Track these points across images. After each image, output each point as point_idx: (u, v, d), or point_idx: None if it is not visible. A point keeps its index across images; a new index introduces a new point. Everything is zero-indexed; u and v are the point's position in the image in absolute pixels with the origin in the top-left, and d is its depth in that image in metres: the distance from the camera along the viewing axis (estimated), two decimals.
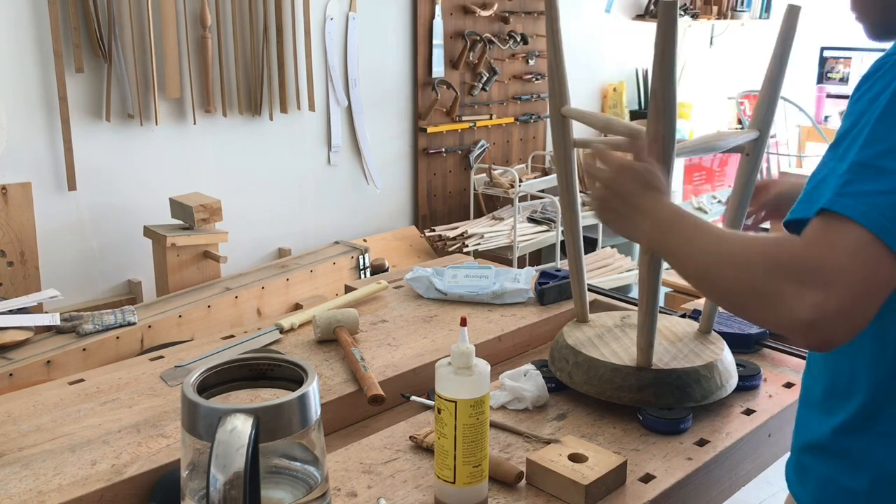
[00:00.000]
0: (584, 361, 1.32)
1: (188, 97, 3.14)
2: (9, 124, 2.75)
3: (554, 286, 1.76)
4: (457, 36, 4.03)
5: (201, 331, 2.60)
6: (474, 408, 1.01)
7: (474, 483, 1.03)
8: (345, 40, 3.62)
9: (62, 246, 2.94)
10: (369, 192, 3.88)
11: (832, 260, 0.78)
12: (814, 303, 0.78)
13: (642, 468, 1.16)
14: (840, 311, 0.77)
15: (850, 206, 0.77)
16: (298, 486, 0.90)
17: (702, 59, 5.51)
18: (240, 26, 3.21)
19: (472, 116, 4.19)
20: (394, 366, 1.45)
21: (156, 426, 1.24)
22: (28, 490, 1.07)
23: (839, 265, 0.77)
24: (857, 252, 0.77)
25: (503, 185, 4.03)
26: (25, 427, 1.24)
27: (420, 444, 1.19)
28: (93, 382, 1.40)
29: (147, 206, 3.06)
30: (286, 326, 1.61)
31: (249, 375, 0.94)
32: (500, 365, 1.57)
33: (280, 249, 3.57)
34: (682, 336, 1.42)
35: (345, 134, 3.73)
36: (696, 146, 1.35)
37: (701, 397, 1.28)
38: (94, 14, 2.82)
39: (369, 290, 1.80)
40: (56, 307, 2.73)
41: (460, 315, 1.13)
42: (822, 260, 0.78)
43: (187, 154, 3.22)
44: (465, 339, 1.02)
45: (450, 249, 3.58)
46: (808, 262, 0.79)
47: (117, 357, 2.30)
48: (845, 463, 0.94)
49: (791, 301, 0.79)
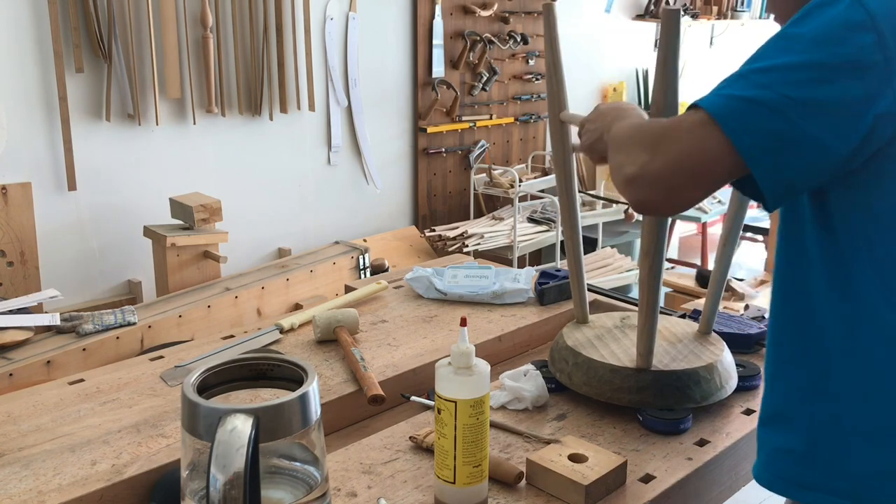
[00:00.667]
0: (584, 362, 1.32)
1: (188, 97, 3.14)
2: (9, 124, 2.75)
3: (554, 286, 1.76)
4: (457, 36, 4.03)
5: (201, 331, 2.60)
6: (474, 408, 1.01)
7: (474, 483, 1.03)
8: (345, 40, 3.62)
9: (62, 246, 2.94)
10: (369, 192, 3.88)
11: (671, 132, 0.87)
12: (640, 161, 0.88)
13: (642, 468, 1.16)
14: (659, 174, 0.86)
15: (708, 101, 0.86)
16: (298, 486, 0.90)
17: (702, 59, 5.51)
18: (240, 26, 3.22)
19: (472, 116, 4.19)
20: (394, 366, 1.45)
21: (156, 426, 1.24)
22: (28, 490, 1.07)
23: (674, 136, 0.87)
24: (692, 128, 0.85)
25: (503, 185, 4.03)
26: (25, 427, 1.24)
27: (420, 444, 1.19)
28: (93, 382, 1.40)
29: (147, 206, 3.06)
30: (286, 326, 1.61)
31: (249, 375, 0.94)
32: (500, 365, 1.57)
33: (280, 249, 3.57)
34: (682, 337, 1.42)
35: (345, 134, 3.73)
36: None
37: (701, 398, 1.28)
38: (94, 14, 2.82)
39: (369, 290, 1.80)
40: (56, 307, 2.73)
41: (460, 315, 1.13)
42: (664, 131, 0.88)
43: (187, 154, 3.22)
44: (465, 339, 1.02)
45: (450, 249, 3.58)
46: (656, 130, 0.90)
47: (117, 357, 2.30)
48: (796, 429, 0.96)
49: (627, 159, 0.90)
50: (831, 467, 0.93)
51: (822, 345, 0.93)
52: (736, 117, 0.83)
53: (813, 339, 0.94)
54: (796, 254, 0.96)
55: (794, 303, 0.97)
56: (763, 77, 0.84)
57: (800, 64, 0.83)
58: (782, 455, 0.97)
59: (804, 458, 0.95)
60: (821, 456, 0.93)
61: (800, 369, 0.96)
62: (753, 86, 0.84)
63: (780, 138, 0.82)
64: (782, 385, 0.99)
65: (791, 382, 0.98)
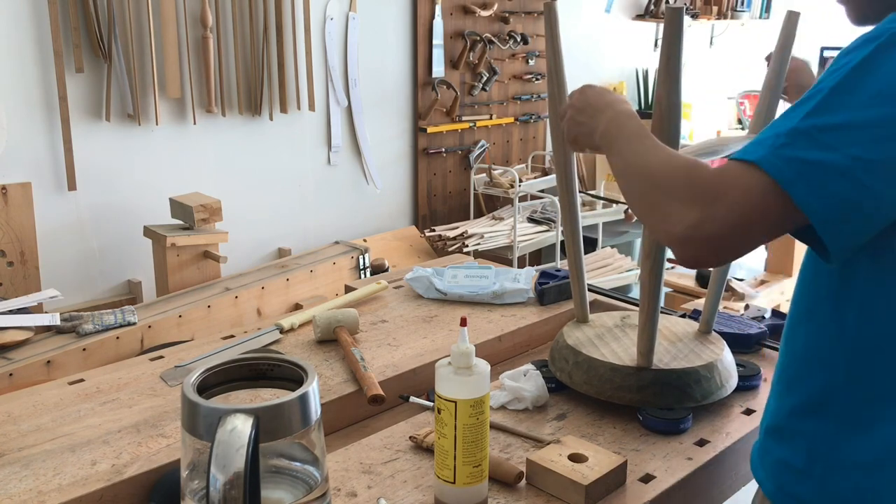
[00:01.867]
0: (584, 361, 1.32)
1: (188, 97, 3.14)
2: (9, 124, 2.75)
3: (554, 286, 1.76)
4: (457, 36, 4.03)
5: (201, 331, 2.60)
6: (474, 408, 1.01)
7: (474, 483, 1.03)
8: (345, 40, 3.62)
9: (62, 246, 2.94)
10: (369, 192, 3.88)
11: (726, 190, 0.81)
12: (691, 221, 0.82)
13: (642, 468, 1.16)
14: (714, 236, 0.82)
15: (767, 161, 0.80)
16: (298, 486, 0.90)
17: (702, 59, 5.52)
18: (240, 26, 3.22)
19: (472, 116, 4.20)
20: (394, 366, 1.45)
21: (156, 426, 1.24)
22: (28, 490, 1.07)
23: (731, 196, 0.81)
24: (750, 189, 0.80)
25: (503, 185, 4.03)
26: (25, 427, 1.24)
27: (420, 444, 1.19)
28: (93, 382, 1.40)
29: (147, 206, 3.06)
30: (286, 326, 1.61)
31: (249, 375, 0.94)
32: (500, 365, 1.56)
33: (280, 249, 3.57)
34: (682, 336, 1.42)
35: (345, 134, 3.73)
36: (697, 151, 1.35)
37: (701, 397, 1.28)
38: (94, 14, 2.82)
39: (369, 290, 1.80)
40: (56, 307, 2.73)
41: (460, 315, 1.13)
42: (718, 187, 0.82)
43: (187, 154, 3.22)
44: (465, 339, 1.02)
45: (450, 249, 3.58)
46: (705, 186, 0.83)
47: (117, 357, 2.30)
48: (797, 445, 0.96)
49: (677, 215, 0.84)
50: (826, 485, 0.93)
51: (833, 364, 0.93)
52: (804, 182, 0.78)
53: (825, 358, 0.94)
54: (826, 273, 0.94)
55: (816, 318, 0.95)
56: (829, 137, 0.79)
57: (868, 121, 0.78)
58: (795, 476, 0.97)
59: (803, 475, 0.95)
60: (816, 473, 0.94)
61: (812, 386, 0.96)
62: (819, 146, 0.79)
63: (850, 202, 0.78)
64: (790, 400, 0.99)
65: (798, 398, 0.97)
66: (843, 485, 0.92)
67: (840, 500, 0.92)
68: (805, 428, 0.96)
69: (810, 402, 0.95)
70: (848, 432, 0.92)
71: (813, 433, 0.95)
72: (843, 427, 0.92)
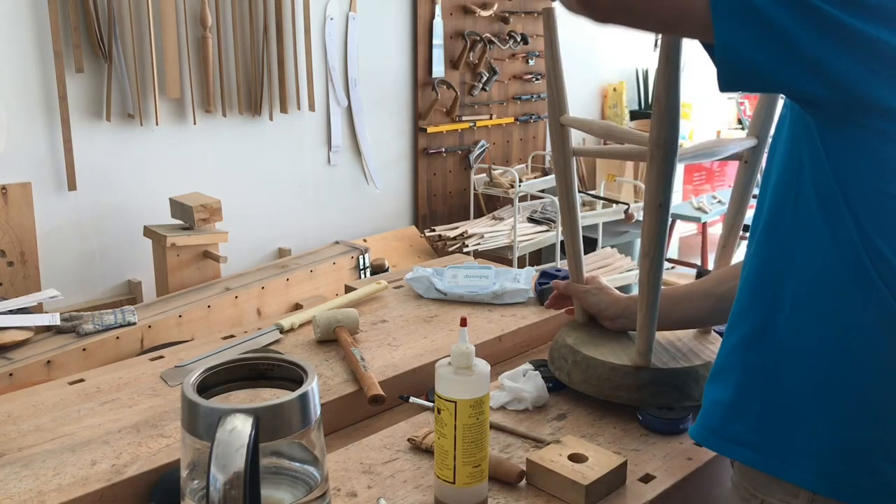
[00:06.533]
0: (583, 360, 1.32)
1: (188, 97, 3.14)
2: (9, 124, 2.75)
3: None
4: (457, 36, 4.03)
5: (201, 331, 2.60)
6: (474, 408, 1.01)
7: (474, 483, 1.03)
8: (345, 40, 3.62)
9: (62, 246, 2.94)
10: (369, 192, 3.88)
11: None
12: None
13: (642, 468, 1.16)
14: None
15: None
16: (298, 486, 0.90)
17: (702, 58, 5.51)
18: (240, 26, 3.22)
19: (472, 116, 4.20)
20: (394, 366, 1.45)
21: (156, 426, 1.24)
22: (28, 490, 1.07)
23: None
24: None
25: (503, 185, 4.03)
26: (25, 427, 1.24)
27: (419, 445, 1.19)
28: (93, 382, 1.40)
29: (147, 206, 3.06)
30: (286, 326, 1.61)
31: (249, 375, 0.94)
32: (500, 365, 1.56)
33: (280, 249, 3.57)
34: (681, 336, 1.42)
35: (345, 134, 3.73)
36: (695, 152, 1.36)
37: (699, 397, 1.28)
38: (94, 14, 2.82)
39: (369, 290, 1.80)
40: (56, 307, 2.73)
41: (460, 315, 1.13)
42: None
43: (187, 154, 3.22)
44: (465, 339, 1.02)
45: (450, 249, 3.58)
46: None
47: (117, 357, 2.30)
48: (729, 378, 0.95)
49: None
50: (758, 421, 0.92)
51: (780, 293, 0.91)
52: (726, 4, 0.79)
53: (773, 285, 0.92)
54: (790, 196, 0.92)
55: (772, 245, 0.93)
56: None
57: (840, 21, 0.77)
58: (714, 407, 0.96)
59: (732, 410, 0.94)
60: (749, 409, 0.92)
61: (750, 320, 0.94)
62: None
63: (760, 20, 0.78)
64: (731, 338, 0.97)
65: (738, 335, 0.96)
66: (777, 417, 0.90)
67: (775, 435, 0.91)
68: (739, 361, 0.94)
69: (753, 335, 0.93)
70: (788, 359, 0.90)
71: (744, 365, 0.93)
72: (785, 354, 0.90)
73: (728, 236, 1.41)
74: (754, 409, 0.92)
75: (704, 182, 5.17)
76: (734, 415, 0.94)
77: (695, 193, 5.01)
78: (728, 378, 0.96)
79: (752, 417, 0.92)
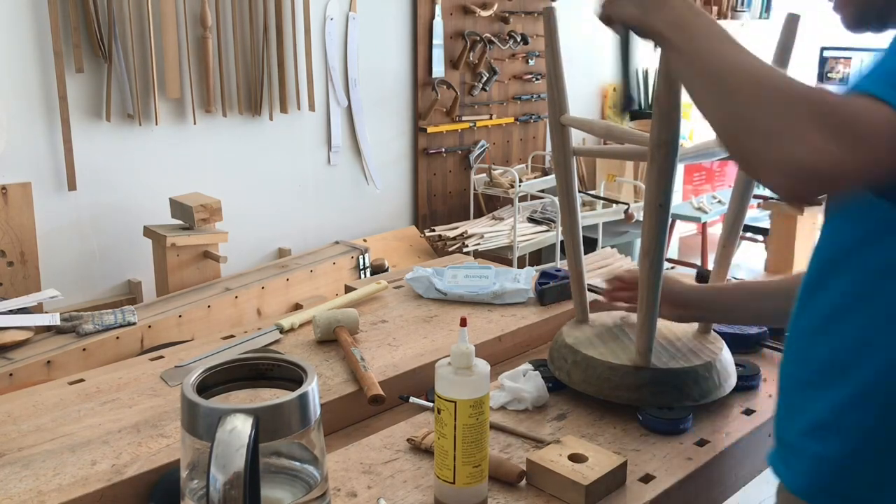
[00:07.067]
0: (583, 360, 1.32)
1: (188, 97, 3.14)
2: (9, 124, 2.75)
3: (554, 286, 1.76)
4: (457, 36, 4.03)
5: (201, 331, 2.60)
6: (474, 408, 1.01)
7: (474, 483, 1.03)
8: (345, 40, 3.62)
9: (62, 246, 2.94)
10: (369, 192, 3.88)
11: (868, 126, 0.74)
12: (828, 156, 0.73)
13: (642, 468, 1.16)
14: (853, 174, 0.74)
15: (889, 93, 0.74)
16: (298, 486, 0.90)
17: None
18: (240, 26, 3.22)
19: (472, 116, 4.20)
20: (394, 366, 1.45)
21: (156, 426, 1.24)
22: (28, 490, 1.07)
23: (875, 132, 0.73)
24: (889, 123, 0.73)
25: (503, 185, 4.03)
26: (25, 427, 1.24)
27: (419, 445, 1.19)
28: (93, 382, 1.40)
29: (147, 206, 3.06)
30: (286, 326, 1.61)
31: (249, 375, 0.94)
32: (500, 365, 1.56)
33: (280, 249, 3.57)
34: (681, 335, 1.42)
35: (345, 134, 3.73)
36: (695, 152, 1.36)
37: (699, 396, 1.28)
38: (94, 14, 2.82)
39: (369, 290, 1.80)
40: (56, 307, 2.73)
41: (460, 315, 1.13)
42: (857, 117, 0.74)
43: (187, 154, 3.22)
44: (465, 339, 1.02)
45: (450, 249, 3.58)
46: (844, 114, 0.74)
47: (117, 357, 2.30)
48: (844, 438, 0.90)
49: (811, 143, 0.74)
50: (877, 478, 0.89)
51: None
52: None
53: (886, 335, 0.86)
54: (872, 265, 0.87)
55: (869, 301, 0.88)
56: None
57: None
58: (821, 464, 0.92)
59: (844, 468, 0.90)
60: (866, 468, 0.89)
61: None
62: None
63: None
64: (835, 394, 0.91)
65: (846, 392, 0.90)
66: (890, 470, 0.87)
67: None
68: (851, 420, 0.89)
69: (860, 393, 0.88)
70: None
71: (860, 423, 0.88)
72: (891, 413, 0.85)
73: (728, 236, 1.41)
74: (871, 466, 0.89)
75: (704, 182, 5.17)
76: (847, 474, 0.90)
77: (695, 193, 5.01)
78: (836, 434, 0.91)
79: (871, 475, 0.89)
